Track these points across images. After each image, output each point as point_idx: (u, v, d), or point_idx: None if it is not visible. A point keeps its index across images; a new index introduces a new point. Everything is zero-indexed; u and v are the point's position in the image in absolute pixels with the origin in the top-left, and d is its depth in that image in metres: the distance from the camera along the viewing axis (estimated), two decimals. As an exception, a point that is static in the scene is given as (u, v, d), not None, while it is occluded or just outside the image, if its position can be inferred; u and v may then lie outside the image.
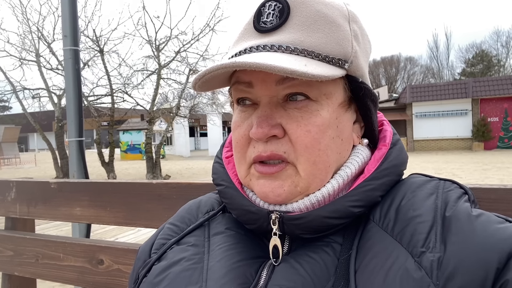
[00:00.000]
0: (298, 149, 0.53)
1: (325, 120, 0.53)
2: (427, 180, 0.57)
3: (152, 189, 1.15)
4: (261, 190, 0.55)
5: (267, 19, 0.53)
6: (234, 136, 0.58)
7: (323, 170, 0.54)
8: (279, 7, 0.52)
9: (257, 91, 0.54)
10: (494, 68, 44.82)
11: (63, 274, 1.28)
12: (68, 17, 2.83)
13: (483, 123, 21.55)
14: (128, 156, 25.87)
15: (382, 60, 53.27)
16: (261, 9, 0.53)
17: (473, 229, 0.47)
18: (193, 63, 12.55)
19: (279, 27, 0.52)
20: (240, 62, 0.46)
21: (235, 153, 0.59)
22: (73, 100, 2.85)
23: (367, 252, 0.50)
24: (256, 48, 0.52)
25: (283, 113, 0.53)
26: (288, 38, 0.51)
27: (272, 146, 0.53)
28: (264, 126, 0.52)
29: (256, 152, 0.54)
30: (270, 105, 0.54)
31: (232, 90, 0.58)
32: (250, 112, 0.56)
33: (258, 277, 0.53)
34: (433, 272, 0.45)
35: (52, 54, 12.20)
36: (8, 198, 1.45)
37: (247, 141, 0.56)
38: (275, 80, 0.52)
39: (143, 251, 0.68)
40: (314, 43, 0.52)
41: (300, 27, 0.52)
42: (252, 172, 0.56)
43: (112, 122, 12.93)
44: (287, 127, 0.53)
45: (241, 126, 0.57)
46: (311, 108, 0.53)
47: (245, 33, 0.55)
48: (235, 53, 0.55)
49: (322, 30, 0.52)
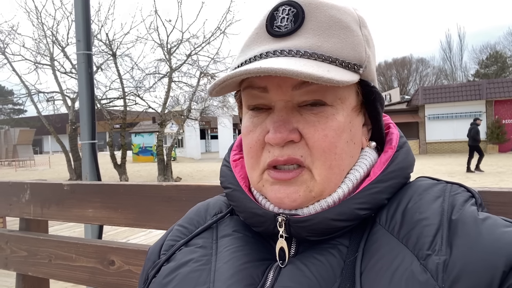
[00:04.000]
0: (315, 154, 0.53)
1: (340, 124, 0.54)
2: (434, 183, 0.57)
3: (162, 191, 1.17)
4: (275, 196, 0.55)
5: (281, 24, 0.52)
6: (247, 141, 0.57)
7: (338, 174, 0.55)
8: (293, 11, 0.52)
9: (272, 96, 0.54)
10: (508, 69, 44.04)
11: (75, 275, 1.30)
12: (81, 22, 2.89)
13: (498, 125, 21.17)
14: (140, 158, 26.11)
15: (393, 62, 52.82)
16: (274, 13, 0.53)
17: (479, 233, 0.47)
18: (204, 66, 12.64)
19: (294, 31, 0.51)
20: (265, 68, 0.46)
21: (248, 159, 0.58)
22: (86, 103, 2.89)
23: (373, 255, 0.50)
24: (273, 53, 0.51)
25: (299, 118, 0.53)
26: (305, 43, 0.51)
27: (289, 151, 0.53)
28: (283, 130, 0.52)
29: (271, 156, 0.54)
30: (286, 109, 0.53)
31: (244, 94, 0.57)
32: (263, 117, 0.55)
33: (265, 279, 0.54)
34: (438, 275, 0.45)
35: (66, 58, 12.41)
36: (22, 199, 1.48)
37: (261, 146, 0.55)
38: (291, 85, 0.52)
39: (153, 252, 0.69)
40: (330, 48, 0.51)
41: (315, 32, 0.51)
42: (266, 178, 0.56)
43: (124, 124, 13.07)
44: (304, 132, 0.53)
45: (254, 131, 0.56)
46: (327, 113, 0.53)
47: (257, 37, 0.54)
48: (249, 57, 0.54)
49: (337, 35, 0.52)
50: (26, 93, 12.88)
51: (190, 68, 13.02)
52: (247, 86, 0.55)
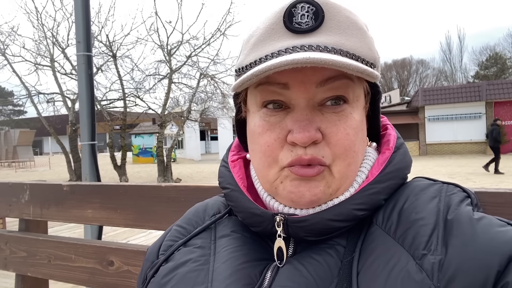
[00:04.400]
0: (337, 152, 0.53)
1: (358, 122, 0.55)
2: (430, 184, 0.58)
3: (161, 192, 1.17)
4: (297, 189, 0.54)
5: (302, 20, 0.51)
6: (263, 140, 0.55)
7: (354, 171, 0.56)
8: (313, 9, 0.51)
9: (293, 93, 0.53)
10: (508, 70, 44.08)
11: (75, 275, 1.31)
12: (81, 23, 2.89)
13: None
14: (140, 160, 26.11)
15: (393, 63, 52.86)
16: (291, 9, 0.52)
17: (474, 232, 0.47)
18: (204, 68, 12.65)
19: (316, 29, 0.51)
20: (315, 58, 0.45)
21: (263, 157, 0.56)
22: (86, 104, 2.90)
23: (369, 255, 0.51)
24: (300, 48, 0.50)
25: (321, 117, 0.53)
26: (329, 40, 0.51)
27: (312, 150, 0.52)
28: (310, 129, 0.51)
29: (294, 155, 0.52)
30: (308, 108, 0.53)
31: (258, 91, 0.55)
32: (281, 116, 0.54)
33: (263, 279, 0.54)
34: (434, 275, 0.45)
35: (66, 59, 12.42)
36: (22, 200, 1.48)
37: (281, 145, 0.54)
38: (315, 82, 0.52)
39: (151, 252, 0.70)
40: (352, 46, 0.52)
41: (337, 30, 0.52)
42: (286, 174, 0.54)
43: (124, 126, 13.07)
44: (327, 131, 0.53)
45: (271, 129, 0.54)
46: (346, 111, 0.54)
47: (274, 33, 0.53)
48: (270, 52, 0.52)
49: (355, 35, 0.53)
50: (26, 94, 12.89)
51: (190, 70, 13.04)
52: (263, 82, 0.54)
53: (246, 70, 0.55)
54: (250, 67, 0.54)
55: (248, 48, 0.55)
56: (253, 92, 0.57)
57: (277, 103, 0.54)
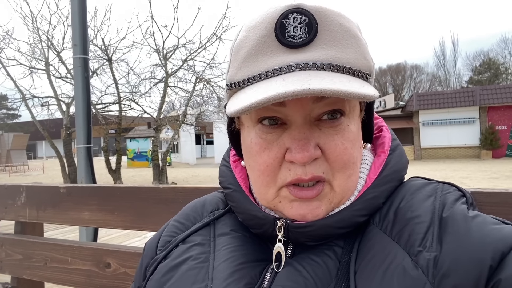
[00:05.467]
0: (336, 167, 0.52)
1: (354, 134, 0.55)
2: (426, 183, 0.59)
3: (159, 194, 1.17)
4: (297, 213, 0.54)
5: (295, 33, 0.49)
6: (261, 159, 0.54)
7: (355, 181, 0.56)
8: (305, 20, 0.49)
9: (289, 110, 0.51)
10: (501, 76, 44.49)
11: (71, 278, 1.30)
12: (78, 26, 2.89)
13: (491, 131, 21.33)
14: (134, 164, 25.97)
15: (388, 68, 53.18)
16: (283, 21, 0.49)
17: (468, 229, 0.48)
18: (200, 72, 12.65)
19: (310, 42, 0.49)
20: (316, 89, 0.43)
21: (262, 176, 0.55)
22: (82, 107, 2.89)
23: (366, 254, 0.52)
24: (295, 67, 0.49)
25: (319, 133, 0.52)
26: (324, 55, 0.49)
27: (312, 168, 0.51)
28: (309, 149, 0.50)
29: (293, 175, 0.52)
30: (306, 125, 0.52)
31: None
32: (278, 133, 0.53)
33: (262, 279, 0.55)
34: (429, 271, 0.46)
35: (61, 63, 12.35)
36: (18, 202, 1.47)
37: (279, 164, 0.53)
38: (311, 99, 0.50)
39: (149, 247, 0.70)
40: (348, 59, 0.50)
41: (331, 42, 0.50)
42: (284, 195, 0.54)
43: (119, 129, 13.03)
44: (325, 147, 0.52)
45: (269, 148, 0.53)
46: (343, 125, 0.53)
47: (266, 47, 0.50)
48: (264, 71, 0.50)
49: (351, 45, 0.51)
50: (20, 98, 12.79)
51: (186, 74, 13.07)
52: None
53: (239, 86, 0.53)
54: (243, 84, 0.52)
55: (239, 61, 0.53)
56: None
57: (273, 119, 0.53)
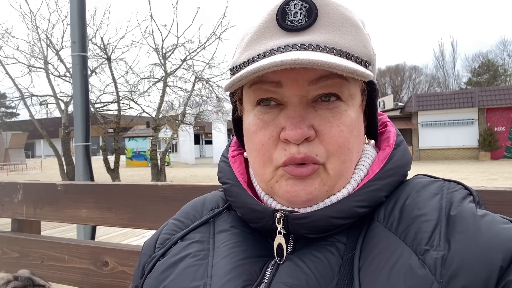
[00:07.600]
0: (331, 149, 0.53)
1: (352, 120, 0.54)
2: (432, 181, 0.58)
3: (157, 191, 1.16)
4: (292, 189, 0.54)
5: (295, 18, 0.51)
6: (257, 138, 0.55)
7: (349, 168, 0.56)
8: (306, 6, 0.51)
9: (286, 91, 0.52)
10: (500, 77, 44.66)
11: (68, 276, 1.29)
12: (77, 23, 2.88)
13: (490, 132, 21.39)
14: (133, 163, 25.96)
15: (387, 69, 53.29)
16: (284, 7, 0.51)
17: (477, 228, 0.47)
18: (199, 71, 12.64)
19: (309, 27, 0.51)
20: (304, 60, 0.44)
21: (259, 156, 0.56)
22: (80, 105, 2.88)
23: (371, 251, 0.51)
24: (292, 47, 0.50)
25: (314, 114, 0.53)
26: (322, 38, 0.50)
27: (305, 148, 0.52)
28: (303, 126, 0.51)
29: (288, 154, 0.52)
30: (301, 105, 0.52)
31: (251, 90, 0.55)
32: (274, 114, 0.54)
33: (263, 275, 0.54)
34: (437, 270, 0.45)
35: (60, 61, 12.30)
36: (15, 200, 1.46)
37: (274, 143, 0.54)
38: (308, 80, 0.51)
39: (148, 246, 0.69)
40: (346, 44, 0.51)
41: (330, 28, 0.51)
42: (281, 174, 0.54)
43: (118, 129, 13.00)
44: (320, 128, 0.52)
45: (265, 128, 0.54)
46: (341, 109, 0.53)
47: (267, 31, 0.52)
48: (263, 51, 0.52)
49: (350, 32, 0.52)
50: (19, 96, 12.76)
51: (185, 73, 13.08)
52: (257, 81, 0.53)
53: (239, 69, 0.55)
54: (243, 66, 0.54)
55: (242, 47, 0.55)
56: (248, 91, 0.57)
57: (270, 101, 0.54)
